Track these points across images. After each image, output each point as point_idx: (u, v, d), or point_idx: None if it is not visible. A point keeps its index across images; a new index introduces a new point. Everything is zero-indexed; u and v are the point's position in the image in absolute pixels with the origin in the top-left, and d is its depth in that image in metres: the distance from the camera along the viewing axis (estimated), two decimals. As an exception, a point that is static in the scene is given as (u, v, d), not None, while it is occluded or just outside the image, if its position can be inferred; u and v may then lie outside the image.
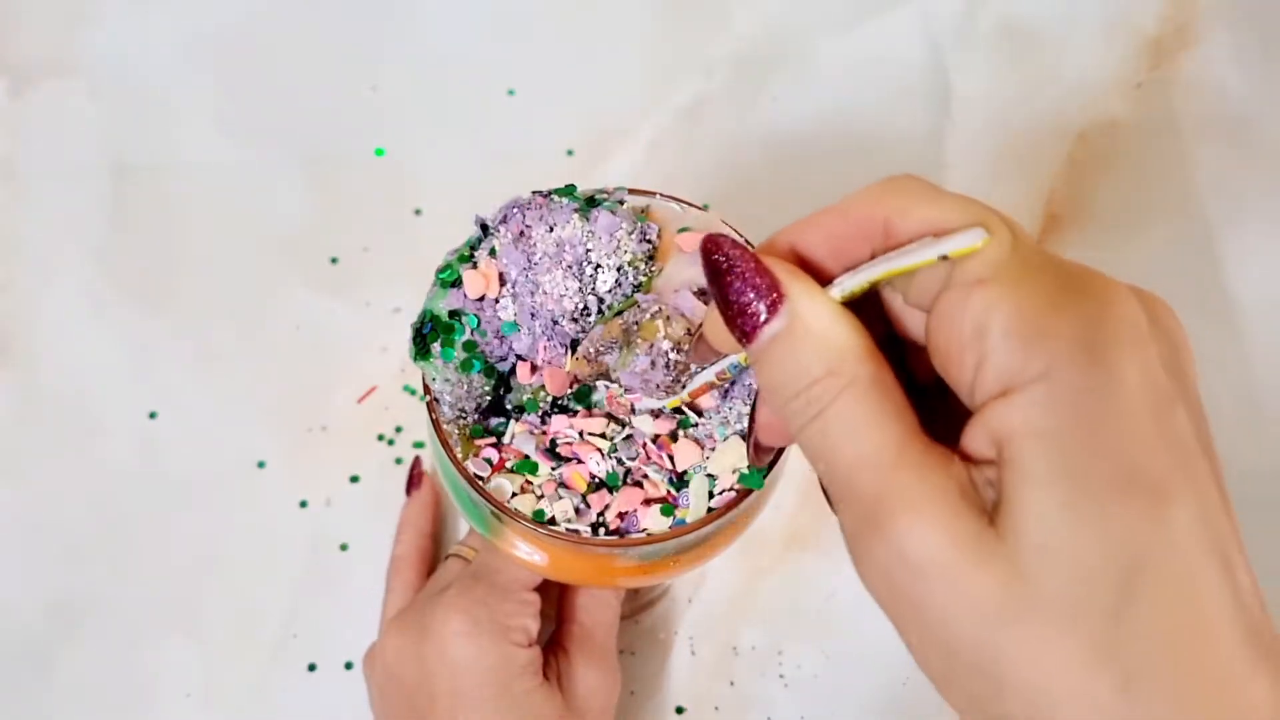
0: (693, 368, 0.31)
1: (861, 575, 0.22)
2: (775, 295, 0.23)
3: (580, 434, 0.33)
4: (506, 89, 0.57)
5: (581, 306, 0.32)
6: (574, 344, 0.33)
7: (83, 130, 0.56)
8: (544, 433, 0.33)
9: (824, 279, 0.24)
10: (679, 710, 0.47)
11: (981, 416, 0.21)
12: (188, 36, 0.58)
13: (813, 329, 0.22)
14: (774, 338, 0.23)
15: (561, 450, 0.33)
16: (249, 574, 0.48)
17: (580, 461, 0.32)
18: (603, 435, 0.33)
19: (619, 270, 0.32)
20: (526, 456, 0.33)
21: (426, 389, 0.33)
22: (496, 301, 0.33)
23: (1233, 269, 0.54)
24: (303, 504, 0.49)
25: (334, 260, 0.54)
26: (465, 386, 0.32)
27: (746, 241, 0.29)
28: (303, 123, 0.57)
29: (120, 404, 0.51)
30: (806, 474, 0.50)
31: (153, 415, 0.51)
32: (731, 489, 0.32)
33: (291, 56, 0.58)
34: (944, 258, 0.22)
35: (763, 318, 0.23)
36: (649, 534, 0.32)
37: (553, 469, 0.32)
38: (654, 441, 0.33)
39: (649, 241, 0.33)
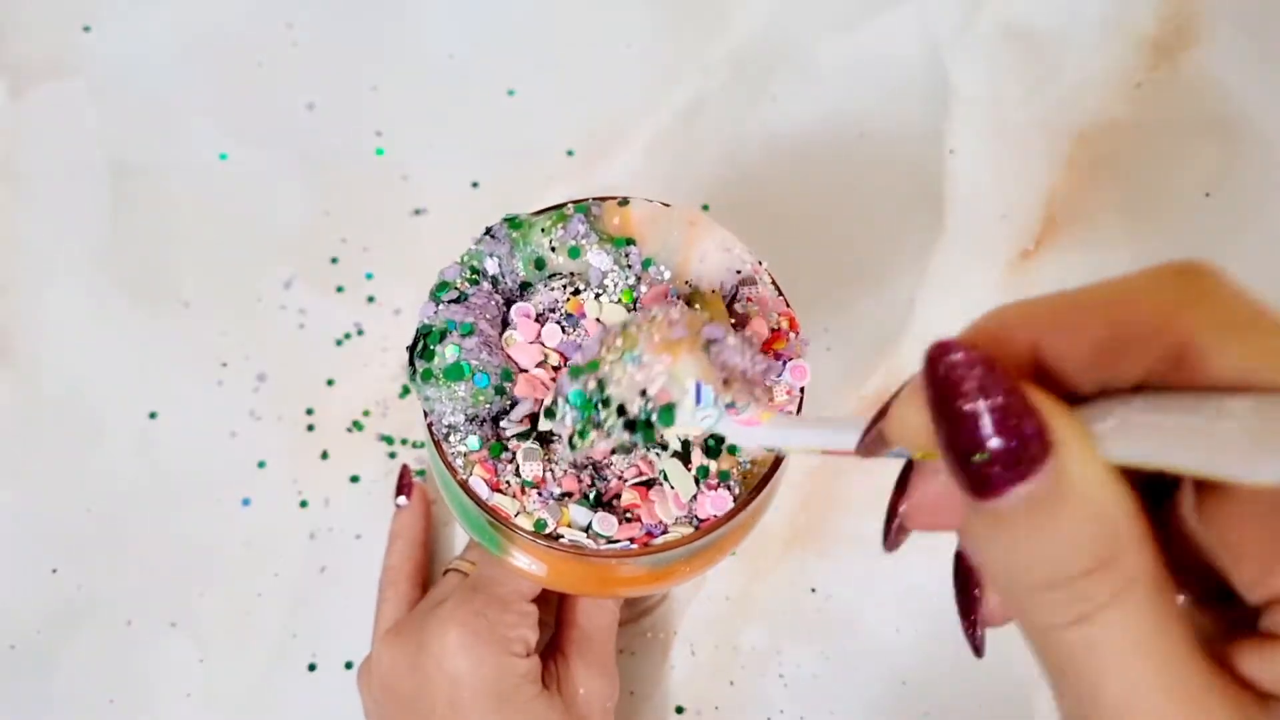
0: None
1: None
2: (1039, 446, 0.17)
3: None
4: (506, 89, 0.57)
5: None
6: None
7: (83, 130, 0.56)
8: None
9: (1066, 394, 0.18)
10: (679, 710, 0.47)
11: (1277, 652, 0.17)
12: (188, 37, 0.58)
13: (1088, 500, 0.17)
14: (1028, 501, 0.17)
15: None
16: (249, 574, 0.48)
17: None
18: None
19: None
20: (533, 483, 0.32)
21: (425, 412, 0.32)
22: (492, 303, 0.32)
23: (1232, 270, 0.54)
24: (303, 504, 0.49)
25: (334, 260, 0.54)
26: (450, 397, 0.31)
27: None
28: (303, 123, 0.57)
29: (120, 404, 0.51)
30: (806, 474, 0.50)
31: (153, 415, 0.51)
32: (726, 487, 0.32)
33: (291, 56, 0.58)
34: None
35: (1016, 473, 0.17)
36: (659, 543, 0.31)
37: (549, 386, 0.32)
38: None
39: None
